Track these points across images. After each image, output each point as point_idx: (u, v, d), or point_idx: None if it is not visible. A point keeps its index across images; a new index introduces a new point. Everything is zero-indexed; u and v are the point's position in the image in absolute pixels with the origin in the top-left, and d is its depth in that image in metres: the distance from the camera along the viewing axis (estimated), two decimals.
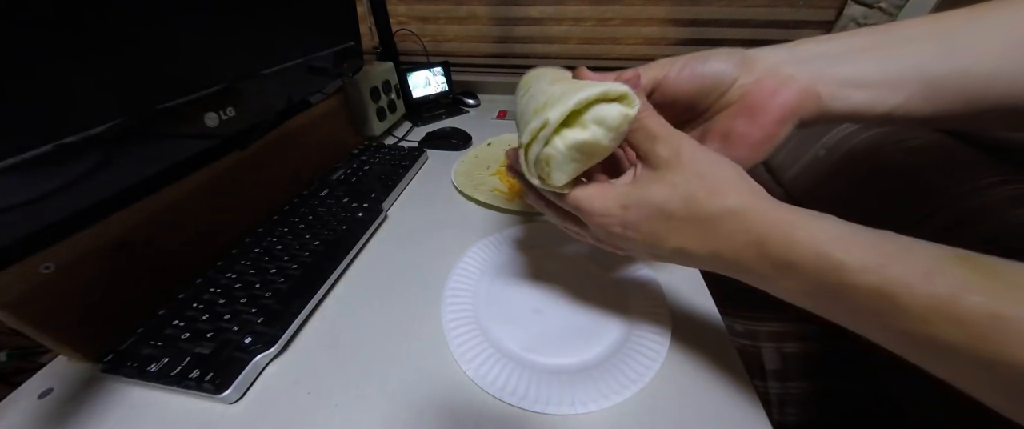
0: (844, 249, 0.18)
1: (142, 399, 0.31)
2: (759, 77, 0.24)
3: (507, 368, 0.32)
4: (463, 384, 0.31)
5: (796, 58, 0.24)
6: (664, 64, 0.25)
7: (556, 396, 0.29)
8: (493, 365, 0.32)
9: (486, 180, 0.60)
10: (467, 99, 0.97)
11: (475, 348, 0.33)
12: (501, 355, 0.33)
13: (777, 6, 0.93)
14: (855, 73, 0.22)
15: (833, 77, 0.23)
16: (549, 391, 0.30)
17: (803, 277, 0.19)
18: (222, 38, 0.37)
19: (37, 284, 0.28)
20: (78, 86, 0.26)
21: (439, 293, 0.39)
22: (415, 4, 1.03)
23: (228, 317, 0.35)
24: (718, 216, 0.21)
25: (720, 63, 0.24)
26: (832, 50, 0.23)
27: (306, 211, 0.49)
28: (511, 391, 0.30)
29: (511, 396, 0.30)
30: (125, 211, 0.34)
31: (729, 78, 0.24)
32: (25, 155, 0.23)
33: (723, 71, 0.24)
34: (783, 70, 0.23)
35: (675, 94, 0.26)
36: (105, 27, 0.27)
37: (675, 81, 0.25)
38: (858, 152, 0.88)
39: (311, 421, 0.29)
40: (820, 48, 0.23)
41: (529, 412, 0.29)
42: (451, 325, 0.35)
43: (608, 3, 0.97)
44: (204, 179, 0.42)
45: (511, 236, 0.46)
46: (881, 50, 0.22)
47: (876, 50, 0.22)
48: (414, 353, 0.34)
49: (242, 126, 0.40)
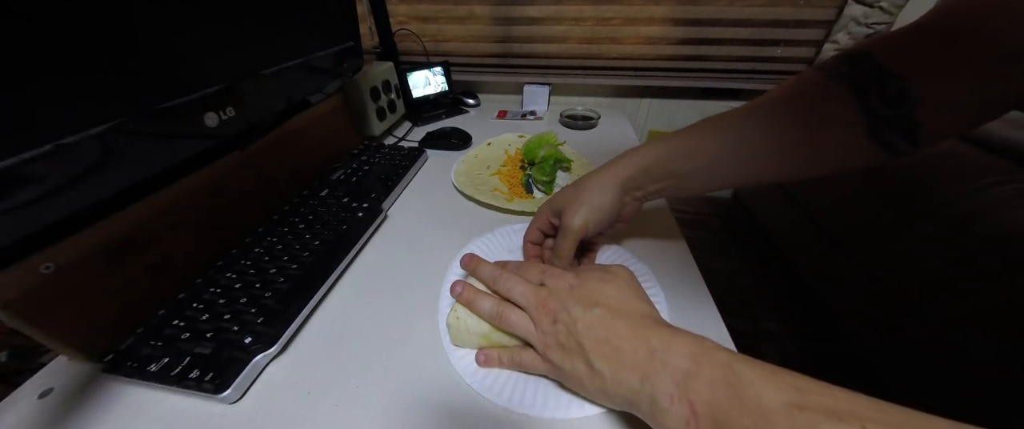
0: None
1: (142, 399, 0.31)
2: (622, 206, 0.38)
3: (503, 371, 0.32)
4: (462, 384, 0.31)
5: (633, 189, 0.37)
6: (580, 230, 0.36)
7: (552, 400, 0.29)
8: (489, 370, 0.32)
9: (486, 180, 0.60)
10: (467, 99, 0.97)
11: (471, 353, 0.33)
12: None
13: (778, 5, 0.93)
14: (652, 191, 0.37)
15: (647, 193, 0.37)
16: (546, 395, 0.30)
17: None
18: (222, 38, 0.37)
19: (37, 284, 0.28)
20: (78, 86, 0.26)
21: (439, 293, 0.39)
22: (415, 4, 1.03)
23: (228, 317, 0.35)
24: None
25: (613, 211, 0.37)
26: (649, 185, 0.37)
27: (306, 211, 0.49)
28: (507, 396, 0.30)
29: (507, 401, 0.29)
30: (125, 211, 0.34)
31: (614, 215, 0.37)
32: (25, 155, 0.23)
33: (613, 215, 0.37)
34: (632, 197, 0.38)
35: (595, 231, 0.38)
36: (105, 27, 0.27)
37: (595, 228, 0.37)
38: (879, 165, 0.87)
39: (311, 421, 0.29)
40: (640, 183, 0.37)
41: (527, 416, 0.29)
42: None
43: (608, 3, 0.97)
44: (204, 179, 0.42)
45: (510, 234, 0.46)
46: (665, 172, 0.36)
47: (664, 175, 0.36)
48: (414, 353, 0.34)
49: (242, 126, 0.40)
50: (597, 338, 0.26)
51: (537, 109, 0.95)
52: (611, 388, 0.25)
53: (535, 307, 0.29)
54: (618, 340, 0.25)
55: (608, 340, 0.26)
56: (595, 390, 0.26)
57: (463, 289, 0.33)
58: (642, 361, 0.24)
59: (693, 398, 0.21)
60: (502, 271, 0.32)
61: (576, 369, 0.27)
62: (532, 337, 0.29)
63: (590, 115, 0.85)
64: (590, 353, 0.26)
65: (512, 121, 0.89)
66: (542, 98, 0.97)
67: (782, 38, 0.96)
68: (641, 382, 0.23)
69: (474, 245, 0.45)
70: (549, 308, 0.29)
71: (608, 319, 0.26)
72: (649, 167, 0.36)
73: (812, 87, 0.30)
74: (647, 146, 0.37)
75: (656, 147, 0.36)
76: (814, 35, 0.96)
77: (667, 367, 0.23)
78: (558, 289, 0.29)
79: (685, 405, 0.21)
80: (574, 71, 1.07)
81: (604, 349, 0.25)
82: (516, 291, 0.31)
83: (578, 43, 1.03)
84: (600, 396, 0.26)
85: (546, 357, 0.28)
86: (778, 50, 0.98)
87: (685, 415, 0.21)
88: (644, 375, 0.23)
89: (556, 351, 0.28)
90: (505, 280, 0.31)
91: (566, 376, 0.28)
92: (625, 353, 0.25)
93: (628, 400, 0.24)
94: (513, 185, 0.58)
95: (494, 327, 0.31)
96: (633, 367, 0.24)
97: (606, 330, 0.26)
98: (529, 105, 0.97)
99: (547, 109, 0.96)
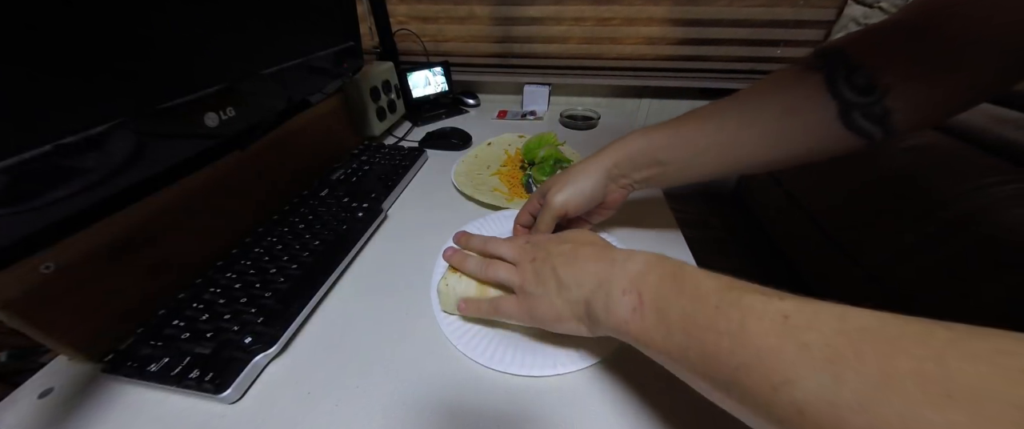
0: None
1: (142, 399, 0.31)
2: (607, 193, 0.40)
3: (494, 339, 0.34)
4: (464, 381, 0.31)
5: (619, 176, 0.39)
6: (560, 208, 0.39)
7: (537, 359, 0.32)
8: (483, 337, 0.34)
9: (486, 180, 0.60)
10: (467, 99, 0.97)
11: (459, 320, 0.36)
12: (492, 331, 0.35)
13: (777, 6, 0.93)
14: (638, 179, 0.39)
15: (632, 181, 0.40)
16: (533, 356, 0.32)
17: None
18: (222, 38, 0.37)
19: (37, 284, 0.28)
20: (78, 86, 0.26)
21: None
22: (415, 4, 1.03)
23: (228, 317, 0.35)
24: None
25: (594, 195, 0.39)
26: (633, 172, 0.39)
27: (306, 211, 0.49)
28: (489, 356, 0.33)
29: (489, 360, 0.32)
30: (125, 211, 0.34)
31: (597, 199, 0.40)
32: (25, 155, 0.23)
33: (594, 199, 0.39)
34: (618, 185, 0.40)
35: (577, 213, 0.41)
36: (105, 27, 0.27)
37: (575, 210, 0.39)
38: (858, 152, 0.87)
39: (311, 421, 0.29)
40: (625, 171, 0.39)
41: (527, 377, 0.31)
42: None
43: (608, 3, 0.97)
44: (204, 179, 0.42)
45: (501, 219, 0.49)
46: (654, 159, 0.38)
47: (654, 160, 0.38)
48: (415, 352, 0.34)
49: (242, 126, 0.40)
50: (567, 259, 0.30)
51: (537, 109, 0.95)
52: (574, 293, 0.28)
53: (518, 255, 0.33)
54: (584, 259, 0.29)
55: (576, 259, 0.29)
56: (562, 303, 0.29)
57: (454, 253, 0.37)
58: (603, 268, 0.27)
59: (642, 289, 0.25)
60: (491, 238, 0.37)
61: (547, 291, 0.29)
62: (514, 279, 0.32)
63: (590, 115, 0.85)
64: (559, 270, 0.29)
65: (512, 121, 0.89)
66: (542, 98, 0.97)
67: (781, 38, 0.97)
68: (600, 283, 0.27)
69: (471, 227, 0.47)
70: (530, 253, 0.32)
71: (578, 247, 0.30)
72: (633, 155, 0.38)
73: (788, 77, 0.33)
74: (633, 135, 0.39)
75: (641, 136, 0.38)
76: (813, 35, 0.96)
77: (625, 271, 0.26)
78: (538, 240, 0.34)
79: (634, 295, 0.25)
80: (574, 71, 1.07)
81: (572, 265, 0.29)
82: (503, 249, 0.34)
83: (578, 43, 1.03)
84: (565, 308, 0.29)
85: (524, 292, 0.31)
86: (777, 51, 0.98)
87: (633, 302, 0.24)
88: (603, 278, 0.27)
89: (532, 283, 0.31)
90: (494, 243, 0.36)
91: (537, 303, 0.30)
92: (589, 264, 0.28)
93: (588, 300, 0.27)
94: (513, 185, 0.58)
95: (480, 292, 0.34)
96: (595, 273, 0.28)
97: (575, 253, 0.30)
98: (529, 105, 0.97)
99: (547, 109, 0.96)
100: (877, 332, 0.16)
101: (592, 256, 0.29)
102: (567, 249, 0.30)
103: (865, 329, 0.16)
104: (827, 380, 0.15)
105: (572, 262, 0.29)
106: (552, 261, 0.30)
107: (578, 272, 0.28)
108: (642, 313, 0.24)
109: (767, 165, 0.35)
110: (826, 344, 0.16)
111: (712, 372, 0.20)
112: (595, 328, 0.27)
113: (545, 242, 0.33)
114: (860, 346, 0.16)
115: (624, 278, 0.26)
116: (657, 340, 0.23)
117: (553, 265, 0.30)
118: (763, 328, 0.18)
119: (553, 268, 0.30)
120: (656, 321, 0.23)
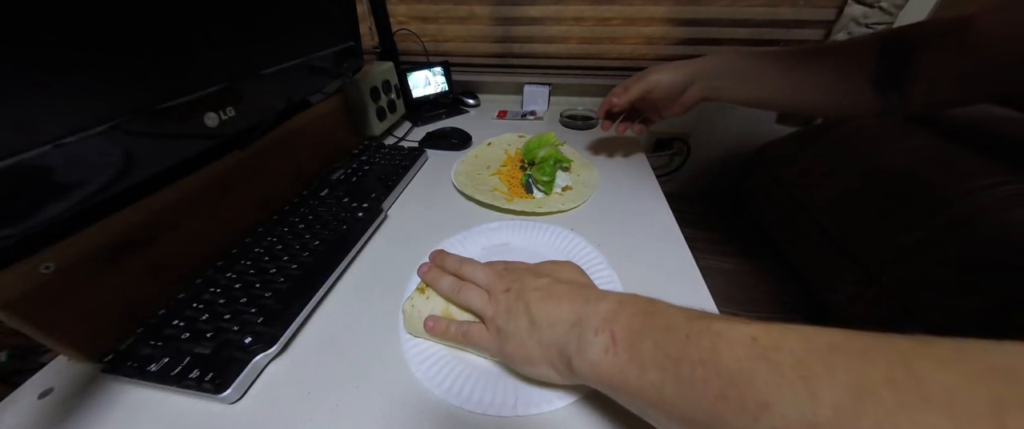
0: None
1: (142, 399, 0.31)
2: (687, 90, 0.51)
3: (452, 365, 0.32)
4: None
5: (700, 79, 0.50)
6: (651, 83, 0.51)
7: (537, 397, 0.30)
8: (449, 366, 0.32)
9: (486, 180, 0.60)
10: (467, 99, 0.97)
11: (438, 362, 0.33)
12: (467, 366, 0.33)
13: (778, 5, 0.92)
14: (726, 91, 0.50)
15: (705, 87, 0.50)
16: (517, 394, 0.30)
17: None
18: (222, 38, 0.37)
19: (37, 284, 0.28)
20: (78, 86, 0.26)
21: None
22: (415, 4, 1.02)
23: (228, 317, 0.35)
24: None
25: (676, 87, 0.50)
26: (711, 79, 0.50)
27: (306, 211, 0.49)
28: (447, 388, 0.31)
29: (446, 392, 0.30)
30: (125, 211, 0.34)
31: (679, 90, 0.50)
32: (25, 155, 0.23)
33: (676, 90, 0.51)
34: (698, 86, 0.50)
35: (655, 98, 0.52)
36: (105, 27, 0.27)
37: (660, 93, 0.51)
38: (859, 152, 0.88)
39: (311, 421, 0.29)
40: (704, 76, 0.50)
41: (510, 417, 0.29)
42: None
43: (608, 3, 0.97)
44: (204, 179, 0.42)
45: (486, 232, 0.47)
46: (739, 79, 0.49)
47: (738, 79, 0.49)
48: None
49: (242, 126, 0.40)
50: (541, 296, 0.29)
51: (537, 109, 0.95)
52: (546, 335, 0.27)
53: (492, 282, 0.32)
54: (559, 297, 0.28)
55: (550, 296, 0.29)
56: (533, 344, 0.28)
57: (429, 269, 0.36)
58: (577, 308, 0.27)
59: (615, 327, 0.24)
60: (468, 260, 0.36)
61: (519, 328, 0.29)
62: (485, 308, 0.31)
63: (590, 115, 0.85)
64: (532, 306, 0.28)
65: (512, 121, 0.89)
66: (542, 98, 0.97)
67: (781, 38, 0.96)
68: (573, 324, 0.26)
69: (448, 243, 0.45)
70: (505, 280, 0.31)
71: (553, 284, 0.30)
72: (711, 71, 0.49)
73: (859, 39, 0.43)
74: (718, 56, 0.49)
75: (724, 59, 0.49)
76: (814, 35, 0.96)
77: (597, 311, 0.26)
78: (515, 267, 0.33)
79: (607, 334, 0.24)
80: (574, 71, 1.07)
81: (545, 302, 0.28)
82: (478, 274, 0.33)
83: (578, 43, 1.03)
84: (537, 351, 0.28)
85: (494, 324, 0.30)
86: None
87: (606, 342, 0.24)
88: (576, 319, 0.26)
89: (504, 316, 0.30)
90: (470, 266, 0.34)
91: (508, 338, 0.29)
92: (563, 303, 0.28)
93: (560, 344, 0.26)
94: (513, 185, 0.58)
95: (445, 311, 0.33)
96: (568, 314, 0.27)
97: (550, 290, 0.29)
98: (529, 105, 0.97)
99: (547, 109, 0.96)
100: (843, 347, 0.16)
101: (567, 295, 0.28)
102: (543, 284, 0.30)
103: (832, 345, 0.17)
104: (804, 398, 0.16)
105: (546, 299, 0.28)
106: (526, 296, 0.29)
107: (551, 311, 0.28)
108: (615, 351, 0.23)
109: (811, 108, 0.49)
110: (797, 362, 0.17)
111: (690, 410, 0.20)
112: (567, 375, 0.27)
113: (523, 272, 0.32)
114: (830, 361, 0.16)
115: (597, 317, 0.25)
116: (631, 379, 0.22)
117: (527, 301, 0.29)
118: (734, 352, 0.19)
119: (527, 304, 0.29)
120: (629, 358, 0.23)
